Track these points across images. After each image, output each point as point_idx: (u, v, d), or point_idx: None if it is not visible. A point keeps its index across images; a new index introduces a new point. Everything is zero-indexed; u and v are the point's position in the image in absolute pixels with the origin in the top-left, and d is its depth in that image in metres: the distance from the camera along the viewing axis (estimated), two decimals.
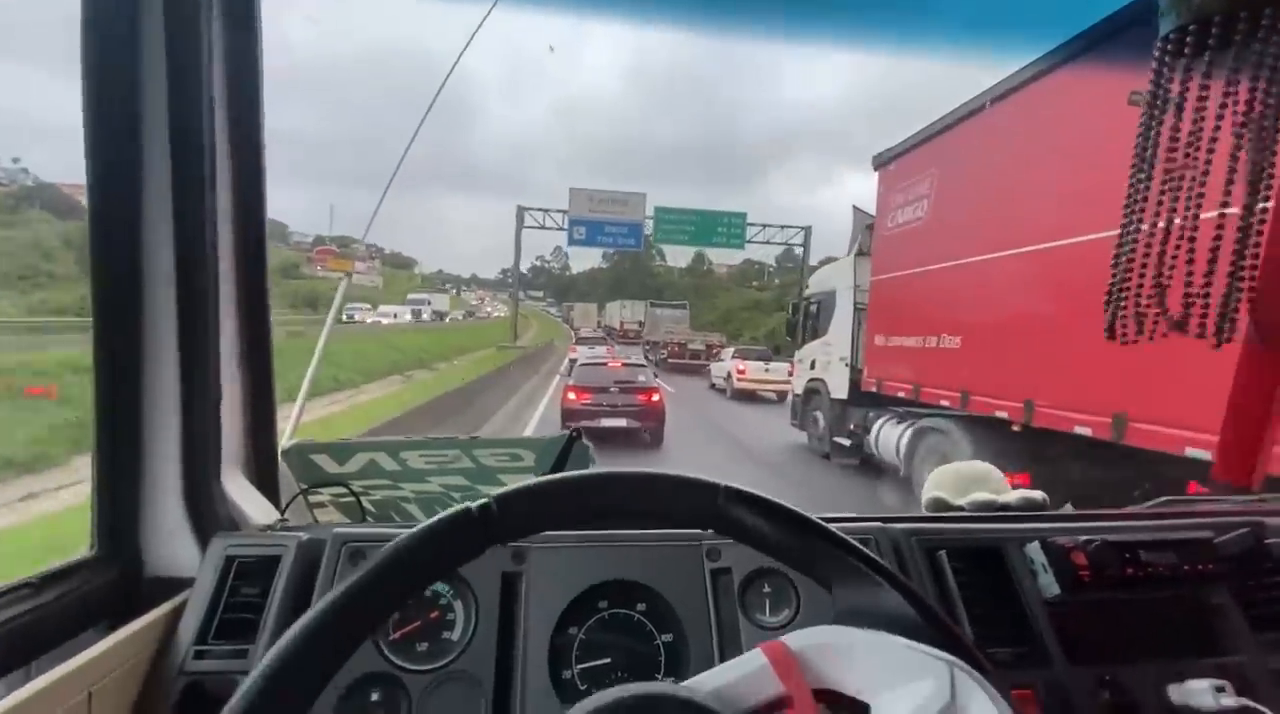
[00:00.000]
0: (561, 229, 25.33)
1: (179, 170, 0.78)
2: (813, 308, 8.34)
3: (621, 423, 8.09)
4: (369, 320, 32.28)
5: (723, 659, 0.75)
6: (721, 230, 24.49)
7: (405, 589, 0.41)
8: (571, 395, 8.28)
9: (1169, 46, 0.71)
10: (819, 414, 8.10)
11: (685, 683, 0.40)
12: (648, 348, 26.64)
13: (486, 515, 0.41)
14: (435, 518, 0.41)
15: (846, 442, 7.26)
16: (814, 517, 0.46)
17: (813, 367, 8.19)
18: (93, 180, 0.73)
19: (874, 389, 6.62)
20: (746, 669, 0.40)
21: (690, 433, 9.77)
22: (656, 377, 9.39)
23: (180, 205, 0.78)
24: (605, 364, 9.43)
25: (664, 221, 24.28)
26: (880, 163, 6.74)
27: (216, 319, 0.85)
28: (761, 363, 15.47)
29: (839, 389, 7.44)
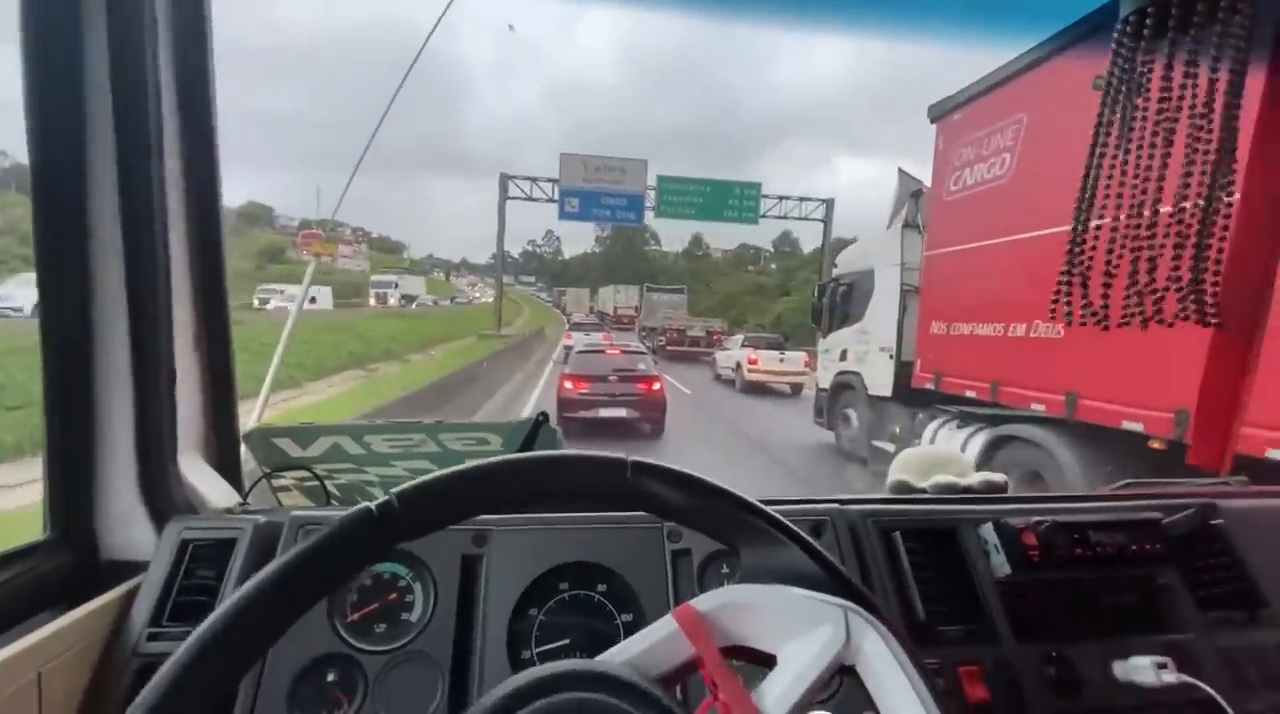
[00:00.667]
0: (551, 201, 22.26)
1: (124, 146, 0.76)
2: (842, 290, 7.29)
3: (621, 413, 7.85)
4: (271, 305, 25.58)
5: None
6: (733, 203, 21.62)
7: (306, 595, 0.39)
8: (569, 384, 7.99)
9: (1128, 29, 0.71)
10: (851, 412, 7.09)
11: (601, 655, 0.41)
12: (644, 334, 25.81)
13: (388, 513, 0.40)
14: (337, 520, 0.40)
15: (889, 446, 6.12)
16: (720, 482, 0.47)
17: (843, 358, 7.19)
18: (35, 157, 0.72)
19: (929, 385, 5.44)
20: (657, 636, 0.42)
21: (704, 432, 9.00)
22: (656, 364, 8.93)
23: (126, 180, 0.77)
24: (604, 351, 8.98)
25: (668, 193, 21.46)
26: (941, 113, 5.46)
27: (168, 300, 0.84)
28: (775, 352, 14.18)
29: (879, 384, 6.38)
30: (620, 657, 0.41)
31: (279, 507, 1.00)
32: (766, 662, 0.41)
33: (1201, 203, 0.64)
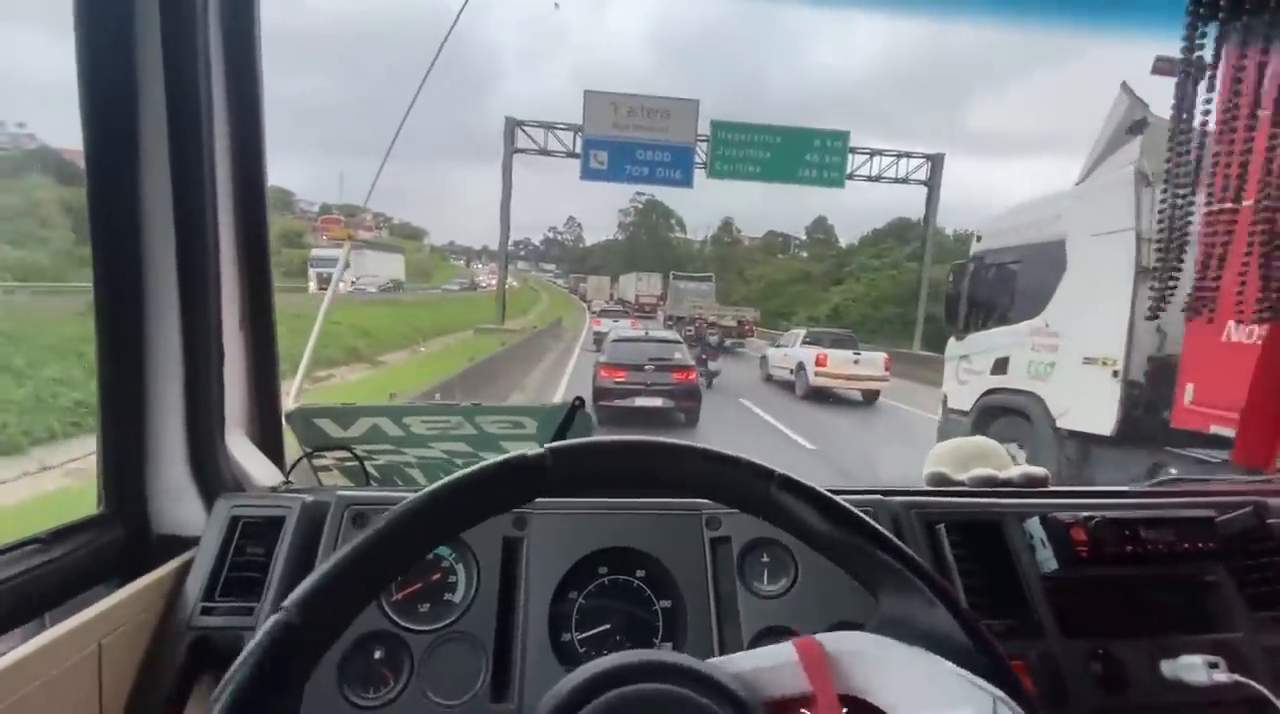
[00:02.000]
0: (572, 155, 17.85)
1: (176, 133, 0.79)
2: (996, 273, 5.44)
3: (657, 402, 7.94)
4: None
5: (720, 626, 0.79)
6: (812, 158, 16.91)
7: (454, 522, 0.42)
8: (604, 373, 8.11)
9: (1200, 9, 0.68)
10: (1017, 451, 4.87)
11: (711, 660, 0.41)
12: (670, 324, 24.52)
13: (541, 464, 0.42)
14: (492, 461, 0.43)
15: None
16: (870, 519, 0.45)
17: (1000, 369, 5.19)
18: (90, 144, 0.74)
19: (1218, 427, 3.46)
20: (775, 660, 0.41)
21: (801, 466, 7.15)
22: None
23: (179, 167, 0.80)
24: (639, 340, 9.19)
25: (725, 145, 16.60)
26: None
27: (218, 282, 0.86)
28: (848, 352, 11.67)
29: (1087, 414, 4.32)
30: (730, 667, 0.41)
31: (319, 485, 1.03)
32: None
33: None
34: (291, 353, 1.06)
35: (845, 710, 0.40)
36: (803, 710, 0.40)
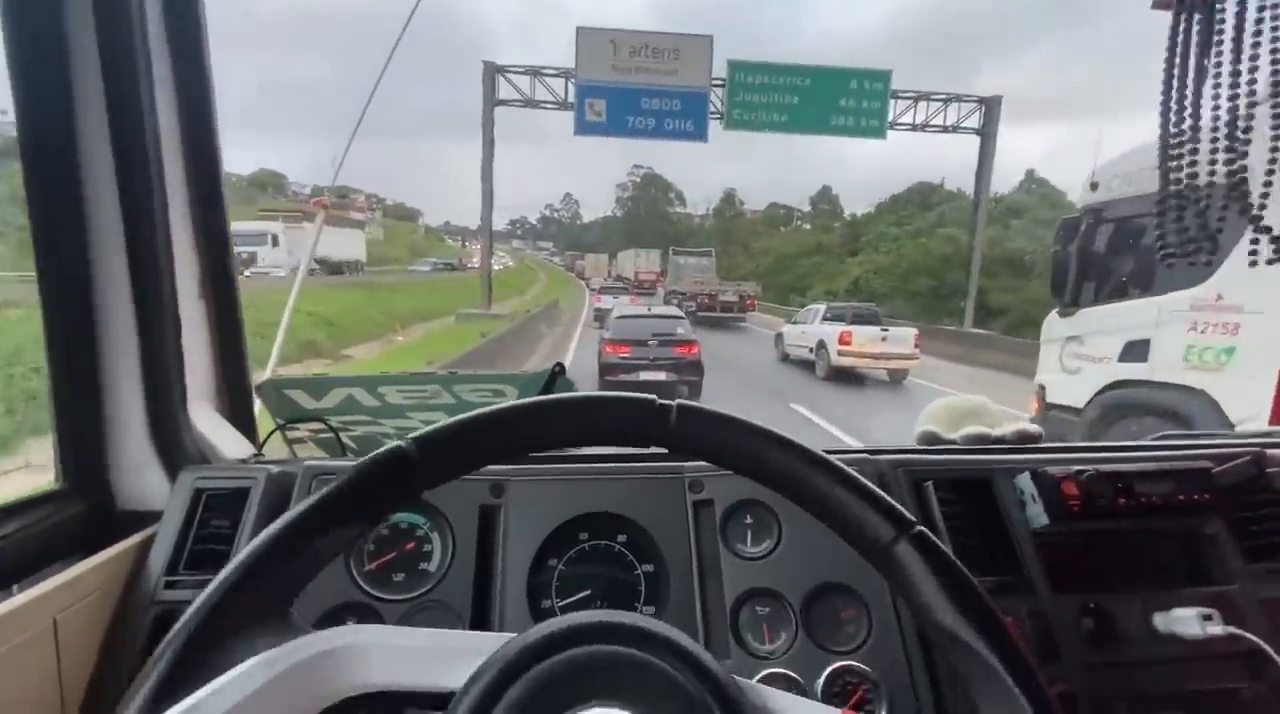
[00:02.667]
0: (563, 107, 15.20)
1: (113, 86, 0.75)
2: (1120, 231, 4.22)
3: (661, 376, 8.24)
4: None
5: (702, 588, 0.78)
6: (848, 104, 14.50)
7: (327, 542, 0.39)
8: (609, 349, 8.40)
9: None
10: None
11: (744, 681, 0.38)
12: (672, 300, 23.41)
13: (665, 415, 0.41)
14: (624, 393, 0.43)
15: None
16: (998, 612, 0.39)
17: (1138, 355, 3.96)
18: (21, 101, 0.71)
19: None
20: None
21: None
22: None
23: (118, 124, 0.76)
24: (643, 316, 9.44)
25: (745, 89, 14.26)
26: None
27: (169, 247, 0.83)
28: (874, 329, 10.70)
29: None
30: (763, 699, 0.38)
31: (294, 458, 1.01)
32: None
33: None
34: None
35: None
36: None
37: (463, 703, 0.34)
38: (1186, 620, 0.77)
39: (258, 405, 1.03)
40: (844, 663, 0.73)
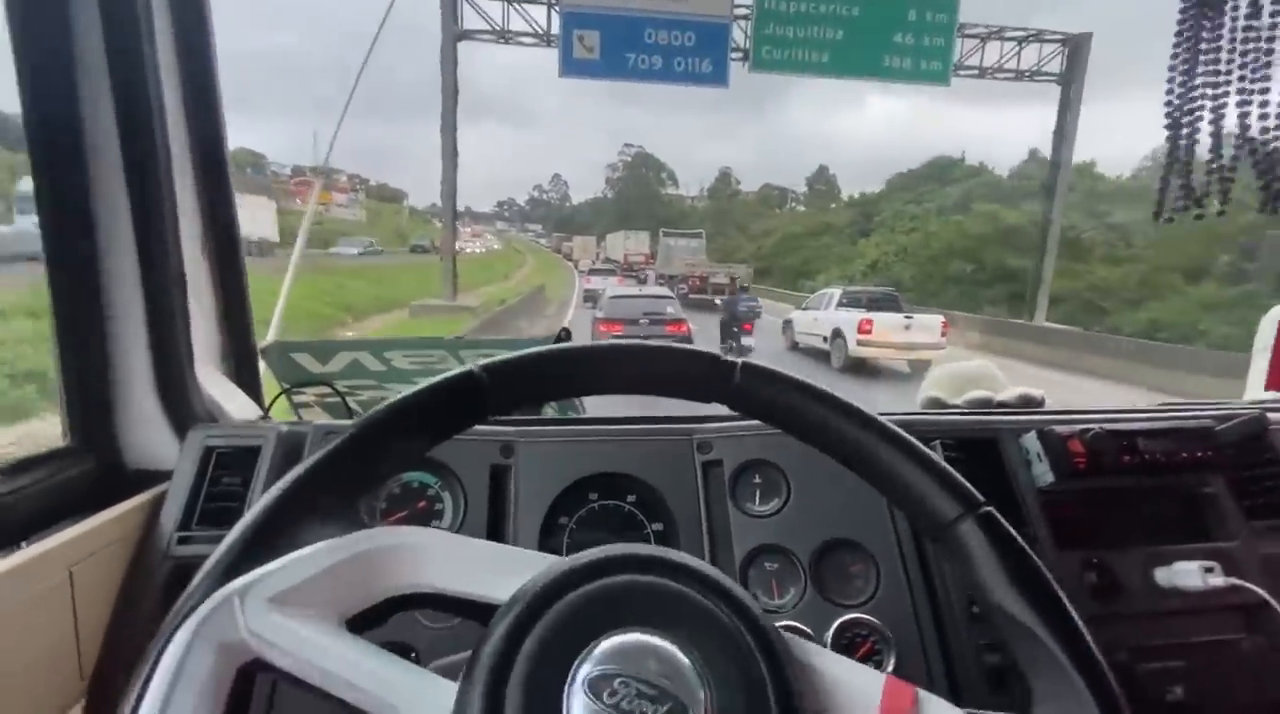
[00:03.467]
0: (542, 41, 12.81)
1: (114, 41, 0.75)
2: None
3: None
4: None
5: (712, 547, 0.80)
6: (905, 39, 11.77)
7: (404, 446, 0.41)
8: (602, 328, 8.84)
9: None
10: None
11: (790, 636, 0.37)
12: (662, 282, 23.50)
13: (729, 371, 0.42)
14: (686, 347, 0.44)
15: None
16: (1059, 591, 0.39)
17: None
18: (21, 57, 0.71)
19: None
20: (855, 679, 0.37)
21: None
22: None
23: (120, 79, 0.76)
24: (634, 296, 10.02)
25: (776, 19, 11.50)
26: None
27: (174, 209, 0.83)
28: (898, 316, 9.79)
29: None
30: (802, 652, 0.37)
31: (300, 421, 1.01)
32: None
33: None
34: None
35: None
36: None
37: (505, 618, 0.35)
38: (1188, 573, 0.80)
39: (262, 369, 1.04)
40: (852, 615, 0.76)
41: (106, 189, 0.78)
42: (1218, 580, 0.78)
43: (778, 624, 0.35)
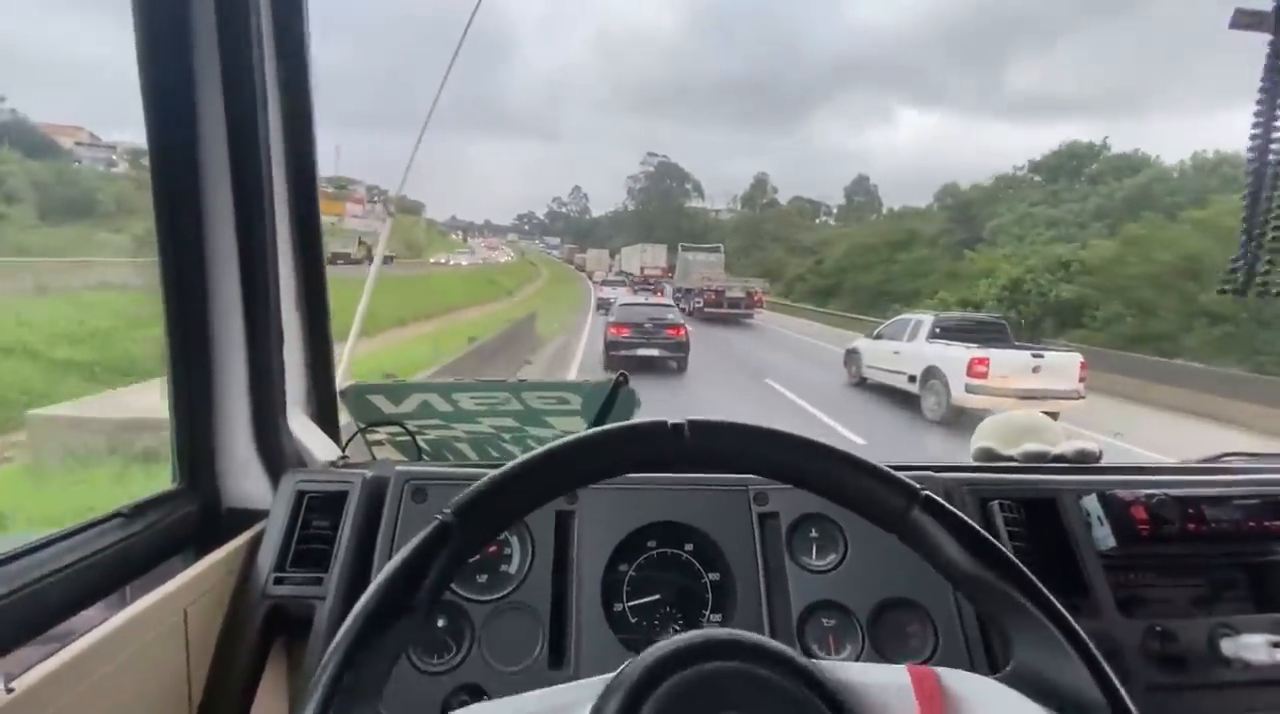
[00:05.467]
0: None
1: (234, 125, 0.85)
2: None
3: (655, 352, 10.76)
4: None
5: (769, 599, 0.84)
6: None
7: (592, 470, 0.46)
8: (614, 331, 10.98)
9: None
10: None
11: (816, 662, 0.42)
12: (679, 296, 24.38)
13: (679, 434, 0.45)
14: (635, 422, 0.47)
15: None
16: (1015, 559, 0.44)
17: None
18: (153, 139, 0.81)
19: None
20: (884, 680, 0.41)
21: None
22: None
23: (237, 157, 0.86)
24: (640, 304, 12.24)
25: None
26: None
27: (276, 266, 0.92)
28: (1021, 355, 7.96)
29: None
30: (837, 674, 0.41)
31: (373, 460, 1.10)
32: None
33: None
34: None
35: None
36: None
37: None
38: (1255, 647, 0.78)
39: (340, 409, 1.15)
40: None
41: (219, 251, 0.88)
42: None
43: None
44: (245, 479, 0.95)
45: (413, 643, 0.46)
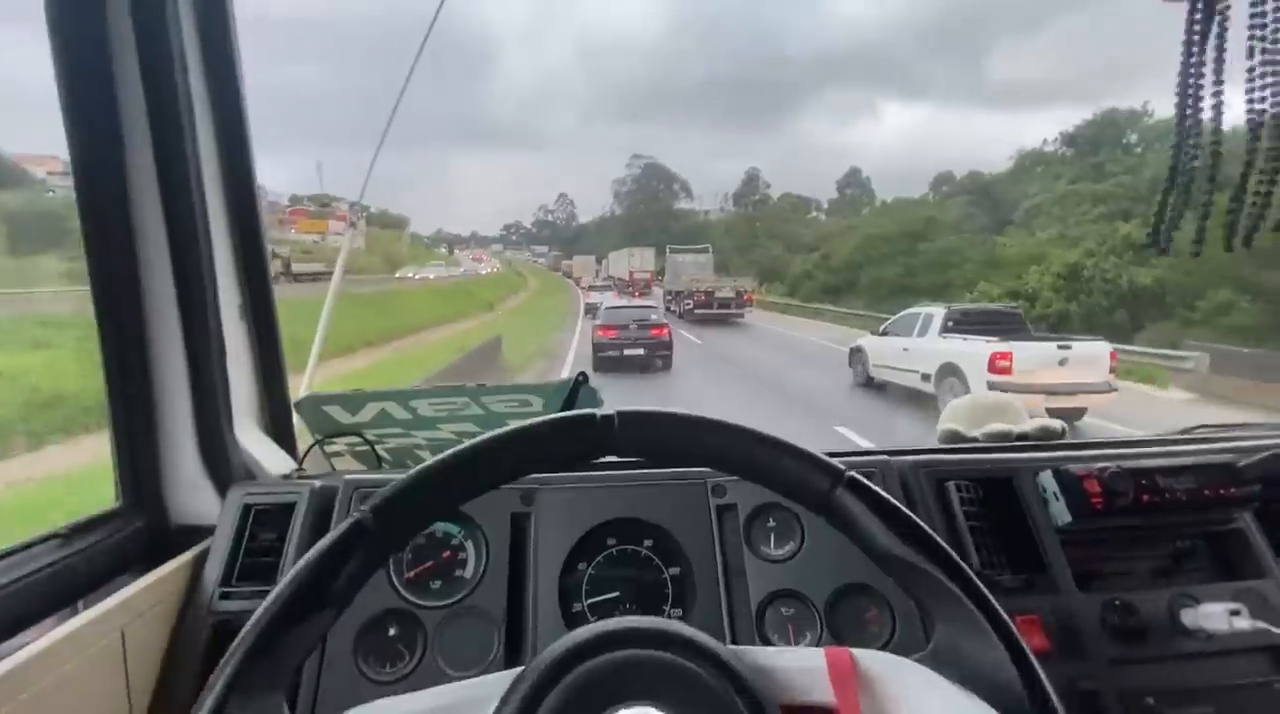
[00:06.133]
0: None
1: (158, 128, 0.84)
2: None
3: (640, 352, 11.49)
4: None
5: (728, 591, 0.85)
6: None
7: (521, 463, 0.45)
8: (600, 332, 11.71)
9: None
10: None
11: (735, 648, 0.43)
12: (669, 298, 24.31)
13: (608, 425, 0.45)
14: (565, 414, 0.46)
15: None
16: (938, 537, 0.44)
17: None
18: (74, 146, 0.80)
19: None
20: (801, 663, 0.42)
21: None
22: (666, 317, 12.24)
23: (164, 162, 0.85)
24: (625, 307, 13.30)
25: None
26: None
27: (213, 277, 0.92)
28: (1046, 347, 7.39)
29: None
30: (756, 659, 0.42)
31: (333, 471, 1.09)
32: None
33: None
34: None
35: None
36: None
37: (511, 702, 0.39)
38: (1214, 616, 0.80)
39: (296, 420, 1.13)
40: None
41: (152, 263, 0.88)
42: (1244, 624, 0.78)
43: None
44: (193, 495, 0.94)
45: (323, 635, 0.43)
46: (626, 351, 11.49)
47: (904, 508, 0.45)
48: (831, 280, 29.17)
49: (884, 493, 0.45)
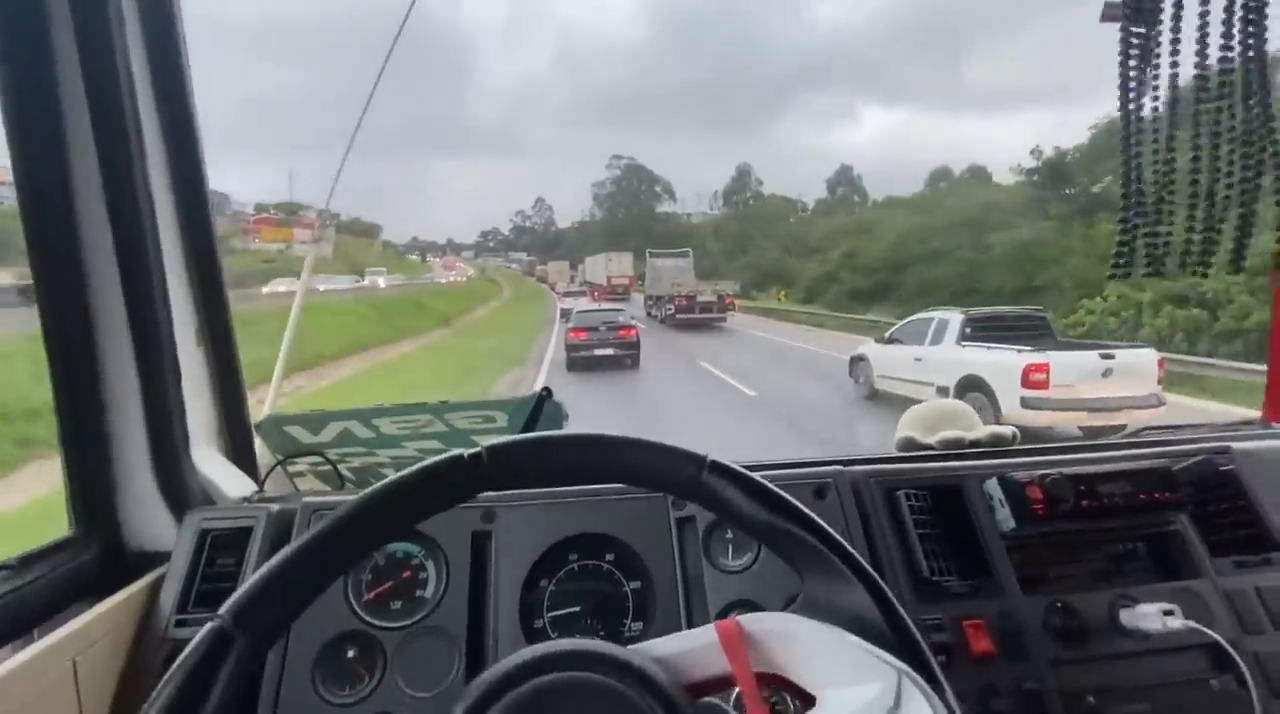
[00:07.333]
0: None
1: (104, 145, 0.84)
2: None
3: (610, 352, 12.62)
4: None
5: (688, 603, 0.88)
6: None
7: (389, 526, 0.47)
8: (572, 334, 12.81)
9: None
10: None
11: (635, 645, 0.45)
12: (650, 303, 25.07)
13: (478, 463, 0.47)
14: (429, 461, 0.47)
15: None
16: (799, 504, 0.49)
17: None
18: (17, 163, 0.80)
19: None
20: (695, 643, 0.45)
21: None
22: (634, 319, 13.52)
23: (110, 182, 0.85)
24: (595, 310, 14.73)
25: None
26: None
27: (165, 297, 0.92)
28: (1088, 356, 6.52)
29: None
30: (651, 651, 0.45)
31: (295, 492, 1.10)
32: (805, 700, 0.44)
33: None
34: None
35: (769, 689, 0.45)
36: (723, 692, 0.44)
37: None
38: (1149, 617, 0.84)
39: (258, 442, 1.14)
40: None
41: (102, 284, 0.87)
42: (1176, 624, 0.82)
43: None
44: (150, 520, 0.94)
45: None
46: (597, 351, 12.67)
47: (761, 479, 0.49)
48: (861, 283, 24.76)
49: (743, 470, 0.49)
